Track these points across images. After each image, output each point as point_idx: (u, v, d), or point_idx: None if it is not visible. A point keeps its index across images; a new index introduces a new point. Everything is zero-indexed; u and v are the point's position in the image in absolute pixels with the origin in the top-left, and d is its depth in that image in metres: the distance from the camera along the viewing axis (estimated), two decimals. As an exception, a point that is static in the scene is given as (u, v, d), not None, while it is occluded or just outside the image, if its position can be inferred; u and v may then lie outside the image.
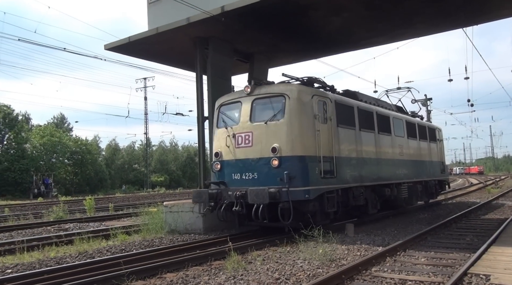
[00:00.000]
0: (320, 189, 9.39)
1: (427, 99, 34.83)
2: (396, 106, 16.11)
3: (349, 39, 13.98)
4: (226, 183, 9.91)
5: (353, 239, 9.43)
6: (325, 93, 10.40)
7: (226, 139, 9.97)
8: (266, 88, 9.89)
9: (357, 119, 11.41)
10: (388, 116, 13.61)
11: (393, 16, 12.15)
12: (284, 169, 8.91)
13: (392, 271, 6.45)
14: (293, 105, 9.33)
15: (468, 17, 12.70)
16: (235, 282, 6.02)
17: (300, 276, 6.25)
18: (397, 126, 14.10)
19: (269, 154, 9.19)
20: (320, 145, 9.45)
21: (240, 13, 10.86)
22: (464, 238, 9.26)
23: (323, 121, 9.84)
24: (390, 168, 13.06)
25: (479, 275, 5.81)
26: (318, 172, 9.33)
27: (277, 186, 8.79)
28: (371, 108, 12.58)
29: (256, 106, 9.81)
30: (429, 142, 17.22)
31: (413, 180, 14.85)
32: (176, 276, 6.52)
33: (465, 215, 13.33)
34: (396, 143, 13.76)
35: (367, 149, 11.80)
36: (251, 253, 7.56)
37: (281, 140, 9.19)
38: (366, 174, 11.48)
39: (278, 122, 9.36)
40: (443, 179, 19.11)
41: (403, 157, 14.12)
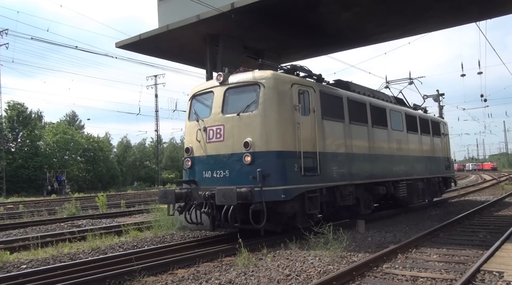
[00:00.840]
0: (300, 188, 8.51)
1: (440, 94, 34.41)
2: (395, 98, 15.09)
3: (359, 35, 13.85)
4: (197, 182, 9.05)
5: (364, 235, 9.39)
6: (307, 82, 9.53)
7: (197, 134, 9.12)
8: (240, 77, 8.94)
9: (347, 111, 10.51)
10: (384, 109, 12.66)
11: (404, 11, 12.00)
12: (257, 166, 8.06)
13: (403, 268, 6.41)
14: (268, 95, 8.43)
15: (481, 11, 12.48)
16: (245, 278, 6.04)
17: (311, 273, 6.25)
18: (395, 119, 13.17)
19: (242, 149, 8.29)
20: (300, 139, 8.58)
21: (250, 9, 10.83)
22: (477, 234, 9.16)
23: (305, 113, 8.96)
24: (385, 165, 12.14)
25: (492, 272, 5.74)
26: (297, 169, 8.45)
27: (249, 185, 7.95)
28: (363, 100, 11.61)
29: (229, 96, 8.91)
30: (432, 136, 16.15)
31: (413, 177, 13.96)
32: (187, 272, 6.57)
33: (478, 212, 13.17)
34: (393, 137, 12.81)
35: (359, 143, 10.88)
36: (261, 250, 7.57)
37: (255, 134, 8.31)
38: (357, 171, 10.60)
39: (252, 114, 8.44)
40: (448, 176, 17.88)
41: (402, 152, 13.18)
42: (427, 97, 34.49)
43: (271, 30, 12.69)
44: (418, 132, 14.79)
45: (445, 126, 18.21)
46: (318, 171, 8.99)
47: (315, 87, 9.47)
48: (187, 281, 6.03)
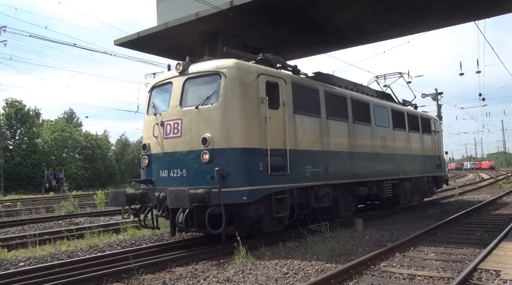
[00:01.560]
0: (266, 189, 7.75)
1: (438, 93, 34.50)
2: (382, 93, 14.35)
3: (358, 33, 13.84)
4: (153, 182, 8.30)
5: (362, 234, 9.41)
6: (277, 72, 8.74)
7: (154, 129, 8.35)
8: (201, 66, 8.21)
9: (323, 105, 9.76)
10: (368, 104, 11.91)
11: (403, 9, 12.00)
12: (216, 165, 7.30)
13: (401, 266, 6.43)
14: (230, 86, 7.66)
15: (479, 10, 12.49)
16: (243, 277, 6.05)
17: (309, 271, 6.26)
18: (380, 115, 12.44)
19: (200, 146, 7.54)
20: (267, 135, 7.84)
21: (249, 7, 10.82)
22: (474, 233, 9.18)
23: (273, 107, 8.21)
24: (368, 163, 11.44)
25: (489, 270, 5.77)
26: (263, 168, 7.70)
27: (207, 186, 7.23)
28: (343, 93, 10.84)
29: (188, 87, 8.15)
30: (422, 134, 15.41)
31: (400, 176, 13.20)
32: (185, 270, 6.58)
33: (475, 210, 13.21)
34: (377, 134, 12.10)
35: (337, 140, 10.17)
36: (259, 248, 7.58)
37: (214, 129, 7.54)
38: (334, 170, 9.89)
39: (211, 107, 7.67)
40: (439, 175, 17.05)
41: (387, 150, 12.45)
42: (426, 96, 34.72)
43: (270, 28, 12.68)
44: (406, 129, 14.12)
45: (437, 123, 17.55)
46: (288, 170, 8.28)
47: (286, 79, 8.74)
48: (185, 279, 6.04)
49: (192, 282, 5.90)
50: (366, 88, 13.06)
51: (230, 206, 7.41)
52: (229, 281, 5.86)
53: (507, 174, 44.39)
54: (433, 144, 16.50)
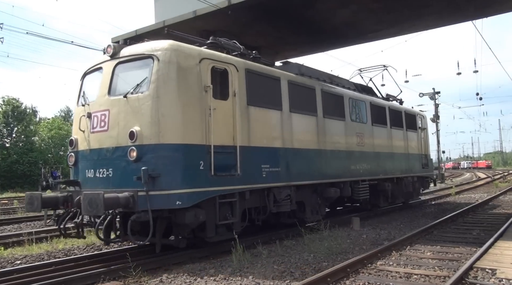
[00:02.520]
0: (208, 192, 6.76)
1: (435, 92, 34.59)
2: (362, 86, 13.31)
3: (356, 32, 13.85)
4: (80, 183, 7.19)
5: (359, 232, 9.44)
6: (226, 58, 7.70)
7: (81, 121, 7.30)
8: (134, 48, 7.15)
9: (286, 97, 8.80)
10: (342, 96, 10.90)
11: (401, 8, 12.02)
12: (145, 164, 6.29)
13: (397, 265, 6.45)
14: (163, 71, 6.63)
15: (477, 9, 12.52)
16: (240, 275, 6.06)
17: (306, 269, 6.28)
18: (356, 109, 11.54)
19: (127, 141, 6.49)
20: (212, 130, 6.87)
21: (247, 6, 10.82)
22: (470, 232, 9.22)
23: (221, 97, 7.29)
24: (341, 162, 10.45)
25: (485, 269, 5.80)
26: (205, 168, 6.73)
27: (133, 189, 6.21)
28: (311, 84, 9.83)
29: (119, 73, 7.11)
30: (406, 131, 14.44)
31: (379, 177, 12.21)
32: (183, 268, 6.58)
33: (472, 209, 13.26)
34: (353, 130, 11.13)
35: (303, 137, 9.22)
36: (256, 247, 7.59)
37: (144, 122, 6.50)
38: (299, 169, 8.92)
39: (141, 96, 6.61)
40: (425, 175, 15.98)
41: (364, 148, 11.48)
42: (423, 95, 34.82)
43: (268, 27, 12.67)
44: (387, 125, 13.16)
45: (423, 119, 16.57)
46: (238, 170, 7.31)
47: (239, 66, 7.74)
48: (182, 277, 6.04)
49: (189, 280, 5.90)
50: (343, 81, 12.08)
51: (164, 212, 6.50)
52: (226, 280, 5.86)
53: (503, 173, 44.56)
54: (419, 142, 15.61)
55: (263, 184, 8.00)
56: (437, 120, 34.87)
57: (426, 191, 22.13)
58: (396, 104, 14.75)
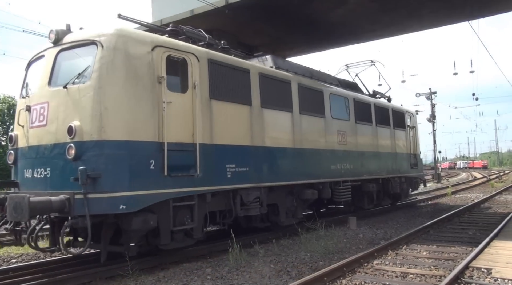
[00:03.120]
0: (158, 195, 6.07)
1: (432, 93, 34.72)
2: (346, 82, 12.57)
3: (353, 32, 13.91)
4: (18, 184, 6.54)
5: (356, 232, 9.47)
6: (185, 46, 6.94)
7: (19, 115, 6.65)
8: (78, 34, 6.45)
9: (256, 91, 8.12)
10: (321, 92, 10.16)
11: (398, 8, 12.08)
12: (85, 163, 5.61)
13: (393, 264, 6.48)
14: (108, 59, 5.92)
15: (473, 10, 12.60)
16: (237, 274, 6.07)
17: (302, 268, 6.30)
18: (338, 106, 10.78)
19: (66, 138, 5.79)
20: (166, 125, 6.20)
21: (245, 5, 10.84)
22: (466, 232, 9.27)
23: (178, 89, 6.62)
24: (320, 162, 9.79)
25: (480, 268, 5.83)
26: (156, 168, 6.05)
27: (70, 191, 5.50)
28: (287, 78, 9.09)
29: (61, 62, 6.40)
30: (394, 129, 13.77)
31: (363, 177, 11.57)
32: (179, 267, 6.58)
33: (468, 209, 13.33)
34: (333, 128, 10.42)
35: (276, 134, 8.56)
36: (253, 246, 7.60)
37: (84, 115, 5.79)
38: (271, 169, 8.28)
39: (82, 86, 5.91)
40: (413, 175, 15.30)
41: (346, 146, 10.84)
42: (420, 95, 34.95)
43: (265, 26, 12.69)
44: (373, 123, 12.45)
45: (412, 118, 15.79)
46: (198, 169, 6.61)
47: (200, 55, 7.03)
48: (179, 276, 6.04)
49: (186, 279, 5.90)
50: (325, 76, 11.23)
51: (110, 217, 5.87)
52: (222, 279, 5.87)
53: (499, 173, 44.81)
54: (408, 141, 14.90)
55: (227, 185, 7.29)
56: (433, 120, 35.00)
57: (422, 191, 22.22)
58: (383, 101, 14.06)
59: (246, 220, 8.36)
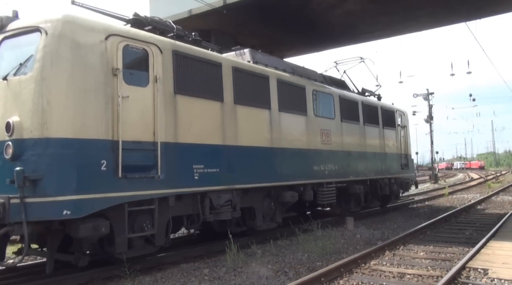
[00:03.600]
0: (111, 199, 5.48)
1: (429, 93, 34.83)
2: (332, 78, 11.93)
3: (351, 32, 13.94)
4: None
5: (353, 232, 9.49)
6: (145, 36, 6.36)
7: None
8: (22, 21, 5.90)
9: (229, 86, 7.53)
10: (303, 88, 9.58)
11: (396, 10, 12.12)
12: (25, 163, 5.07)
13: (391, 265, 6.49)
14: (52, 47, 5.34)
15: (471, 11, 12.66)
16: (234, 275, 6.08)
17: (300, 269, 6.31)
18: (322, 103, 10.21)
19: (4, 135, 5.25)
20: (121, 122, 5.65)
21: (242, 5, 10.86)
22: (463, 232, 9.30)
23: (137, 83, 6.04)
24: (301, 162, 9.20)
25: (477, 269, 5.85)
26: (109, 168, 5.49)
27: (5, 194, 4.99)
28: (263, 73, 8.48)
29: (4, 51, 5.84)
30: (383, 128, 13.20)
31: (349, 178, 10.95)
32: (177, 267, 6.57)
33: (465, 210, 13.36)
34: (316, 127, 9.84)
35: (251, 133, 7.94)
36: (251, 246, 7.60)
37: (24, 110, 5.25)
38: (246, 170, 7.66)
39: (23, 78, 5.38)
40: (404, 176, 14.66)
41: (331, 146, 10.24)
42: (417, 96, 35.06)
43: (262, 26, 12.71)
44: (360, 122, 11.85)
45: (403, 116, 15.13)
46: (159, 171, 6.05)
47: (164, 46, 6.47)
48: (176, 277, 6.04)
49: (184, 280, 5.90)
50: (309, 72, 10.60)
51: (55, 224, 5.33)
52: (220, 279, 5.87)
53: (496, 173, 44.97)
54: (398, 140, 14.27)
55: (194, 188, 6.68)
56: (430, 121, 35.12)
57: (419, 192, 22.29)
58: (371, 99, 13.40)
59: (219, 224, 7.92)
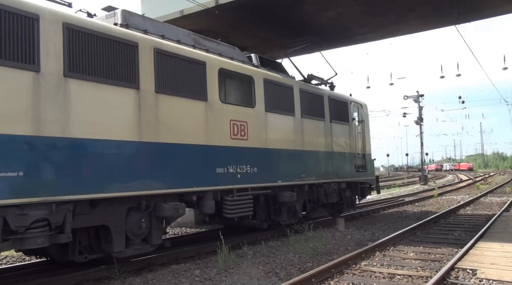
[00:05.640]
0: None
1: (419, 95, 35.17)
2: (262, 59, 9.68)
3: (343, 35, 14.00)
4: None
5: (344, 233, 9.53)
6: None
7: None
8: None
9: (55, 53, 5.23)
10: (202, 65, 7.24)
11: (387, 12, 12.20)
12: None
13: (381, 265, 6.53)
14: None
15: (460, 14, 12.79)
16: (225, 276, 6.07)
17: (291, 270, 6.32)
18: (234, 87, 8.54)
19: None
20: None
21: (234, 6, 10.84)
22: (452, 233, 9.40)
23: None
24: (193, 163, 6.89)
25: (466, 269, 5.92)
26: None
27: None
28: (128, 38, 6.15)
29: None
30: (330, 122, 10.94)
31: (275, 183, 8.72)
32: (168, 269, 6.54)
33: (453, 211, 13.51)
34: (223, 116, 7.61)
35: (99, 120, 5.62)
36: (242, 247, 7.60)
37: None
38: (88, 173, 5.40)
39: None
40: (360, 180, 12.18)
41: (247, 142, 8.08)
42: (408, 97, 35.39)
43: (254, 27, 12.70)
44: (296, 113, 9.59)
45: (361, 109, 12.88)
46: None
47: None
48: (167, 278, 6.01)
49: (174, 281, 5.87)
50: (222, 48, 8.43)
51: None
52: (211, 280, 5.86)
53: (484, 175, 45.53)
54: (353, 138, 12.09)
55: None
56: (421, 123, 35.47)
57: (409, 193, 22.43)
58: (315, 87, 10.98)
59: (61, 251, 5.88)
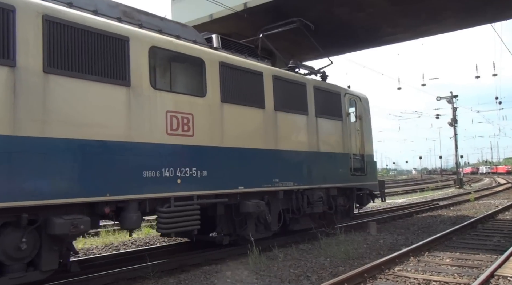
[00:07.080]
0: None
1: (453, 96, 34.11)
2: (230, 42, 8.39)
3: (373, 35, 13.83)
4: None
5: (376, 237, 9.36)
6: None
7: None
8: None
9: None
10: (126, 41, 5.89)
11: (418, 12, 11.95)
12: None
13: (415, 271, 6.37)
14: None
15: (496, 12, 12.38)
16: (256, 278, 6.08)
17: (322, 274, 6.26)
18: (181, 73, 7.23)
19: None
20: None
21: (263, 9, 10.92)
22: (491, 239, 9.05)
23: None
24: (111, 166, 5.51)
25: (506, 277, 5.69)
26: None
27: None
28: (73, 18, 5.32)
29: None
30: (316, 117, 9.31)
31: (237, 190, 7.25)
32: (200, 270, 6.62)
33: (491, 216, 13.00)
34: (158, 107, 6.17)
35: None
36: (272, 250, 7.59)
37: None
38: None
39: None
40: (358, 186, 10.53)
41: (192, 139, 6.60)
42: (441, 98, 34.39)
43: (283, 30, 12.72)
44: (267, 106, 8.07)
45: (359, 103, 11.06)
46: None
47: None
48: (199, 279, 6.09)
49: (206, 282, 5.94)
50: (171, 25, 7.21)
51: None
52: (242, 282, 5.88)
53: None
54: (347, 135, 10.35)
55: None
56: (455, 124, 34.34)
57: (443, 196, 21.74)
58: (294, 74, 9.35)
59: None
